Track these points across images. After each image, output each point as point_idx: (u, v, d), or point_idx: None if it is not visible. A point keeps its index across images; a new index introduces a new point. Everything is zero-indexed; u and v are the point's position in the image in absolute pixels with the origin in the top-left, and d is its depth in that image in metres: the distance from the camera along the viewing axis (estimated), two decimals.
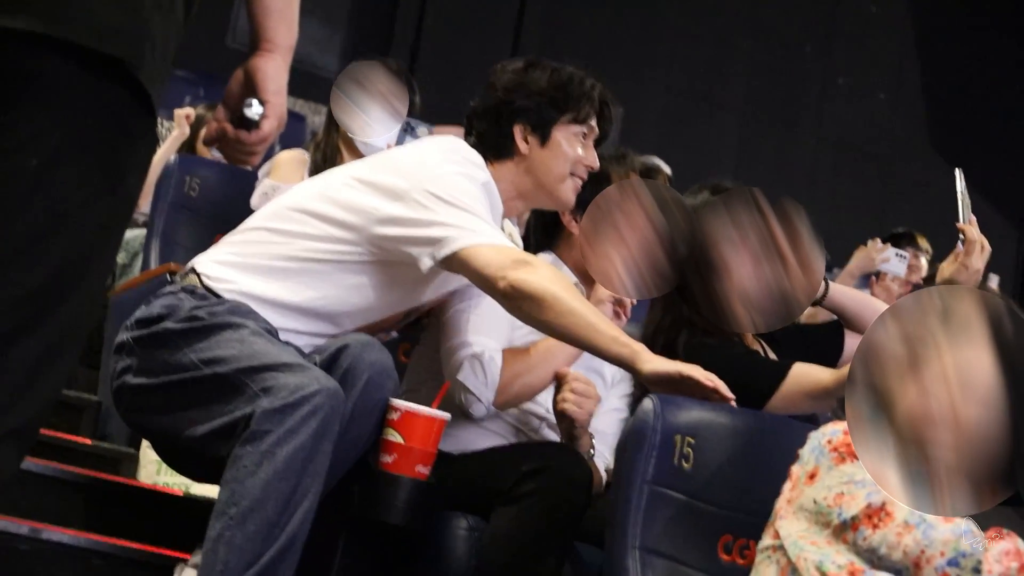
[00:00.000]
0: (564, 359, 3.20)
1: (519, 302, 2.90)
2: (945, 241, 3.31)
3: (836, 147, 10.41)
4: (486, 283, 2.94)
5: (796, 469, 2.31)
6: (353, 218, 3.03)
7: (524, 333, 3.20)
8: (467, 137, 3.29)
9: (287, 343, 2.97)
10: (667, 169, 7.11)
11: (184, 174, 4.91)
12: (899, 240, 6.20)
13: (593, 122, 3.30)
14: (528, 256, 2.99)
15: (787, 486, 2.33)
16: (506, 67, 3.31)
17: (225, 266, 3.04)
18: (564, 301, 2.88)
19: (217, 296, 2.98)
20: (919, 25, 10.76)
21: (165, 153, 5.64)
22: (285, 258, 3.04)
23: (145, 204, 5.24)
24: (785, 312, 3.13)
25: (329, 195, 3.09)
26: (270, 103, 2.06)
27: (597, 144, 3.34)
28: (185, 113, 5.81)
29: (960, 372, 2.18)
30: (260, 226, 3.12)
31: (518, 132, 3.25)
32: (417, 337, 3.51)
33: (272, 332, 2.94)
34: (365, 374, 2.85)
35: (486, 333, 3.16)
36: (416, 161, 3.10)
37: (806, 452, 2.30)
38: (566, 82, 3.27)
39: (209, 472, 2.90)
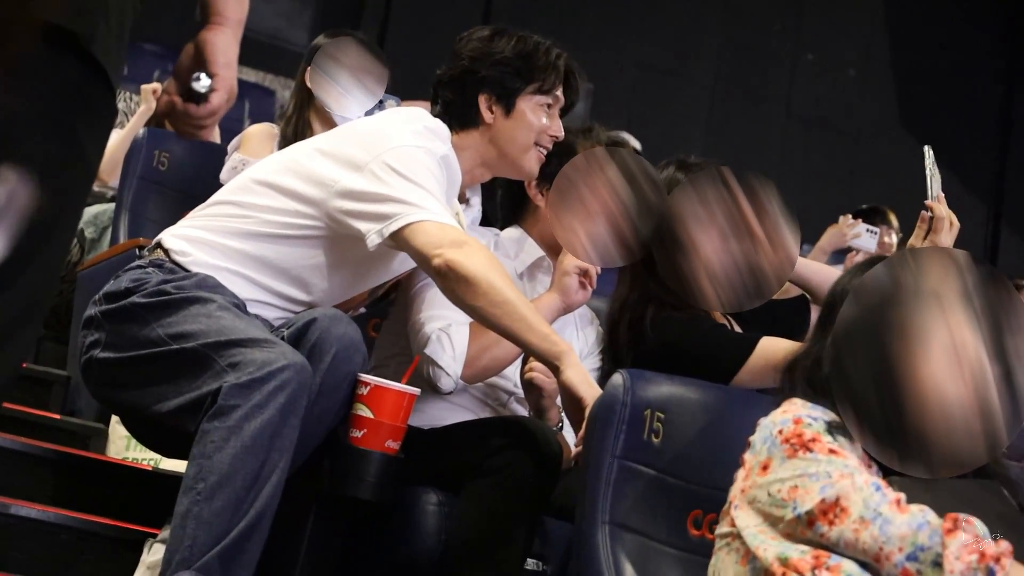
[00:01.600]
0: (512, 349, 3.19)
1: (452, 283, 2.89)
2: (914, 218, 3.31)
3: (805, 123, 10.43)
4: (423, 260, 2.93)
5: (749, 458, 2.30)
6: (314, 191, 3.02)
7: None
8: (433, 106, 3.28)
9: (255, 316, 2.96)
10: (636, 143, 7.11)
11: (153, 148, 4.89)
12: (869, 216, 6.21)
13: (559, 92, 3.29)
14: (468, 238, 2.98)
15: (740, 474, 2.32)
16: (471, 35, 3.30)
17: (191, 241, 3.03)
18: (498, 289, 2.87)
19: (185, 270, 2.97)
20: (888, 1, 10.78)
21: (133, 127, 5.61)
22: (247, 235, 3.03)
23: (114, 178, 5.22)
24: (756, 290, 3.14)
25: (292, 168, 3.08)
26: (219, 76, 2.05)
27: (563, 114, 3.33)
28: (152, 88, 5.77)
29: (951, 342, 2.19)
30: (225, 199, 3.11)
31: (483, 101, 3.24)
32: (386, 311, 3.51)
33: (240, 306, 2.93)
34: (333, 348, 2.84)
35: (452, 307, 3.16)
36: (378, 131, 3.09)
37: (757, 441, 2.29)
38: (531, 51, 3.26)
39: (178, 447, 2.89)
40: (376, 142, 3.04)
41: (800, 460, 2.19)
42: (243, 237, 3.03)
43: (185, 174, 4.90)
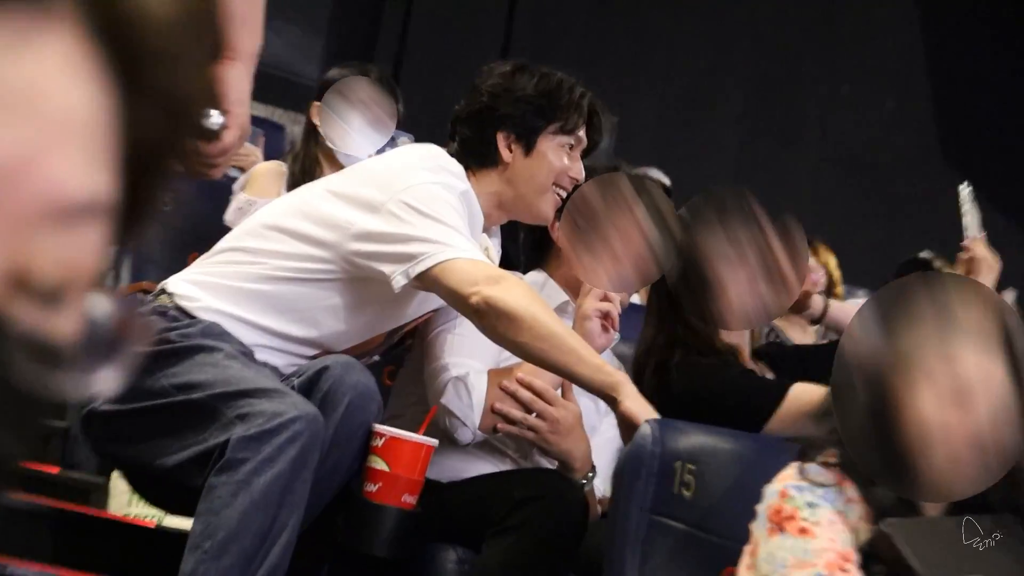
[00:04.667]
0: (552, 380, 3.19)
1: (492, 320, 2.87)
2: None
3: (840, 159, 10.42)
4: (458, 300, 2.92)
5: (753, 528, 2.31)
6: (328, 234, 3.03)
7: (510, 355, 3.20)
8: (450, 143, 3.28)
9: (264, 364, 2.97)
10: (665, 180, 7.14)
11: None
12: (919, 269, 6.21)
13: (581, 133, 3.30)
14: (504, 273, 2.99)
15: (747, 548, 2.33)
16: (493, 70, 3.31)
17: (197, 286, 3.04)
18: (543, 323, 2.86)
19: (190, 316, 2.97)
20: (927, 26, 10.77)
21: None
22: (258, 278, 3.04)
23: None
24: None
25: (304, 210, 3.09)
26: (231, 113, 2.05)
27: (586, 155, 3.33)
28: None
29: (964, 379, 2.19)
30: (234, 246, 3.12)
31: (501, 140, 3.24)
32: (402, 359, 3.51)
33: (248, 354, 2.94)
34: (347, 397, 2.84)
35: (469, 354, 3.16)
36: (392, 171, 3.10)
37: (760, 511, 2.29)
38: (554, 89, 3.26)
39: (183, 503, 2.89)
40: (392, 181, 3.04)
41: (775, 541, 2.21)
42: (255, 280, 3.04)
43: (190, 215, 4.91)
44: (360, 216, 3.01)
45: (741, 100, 10.33)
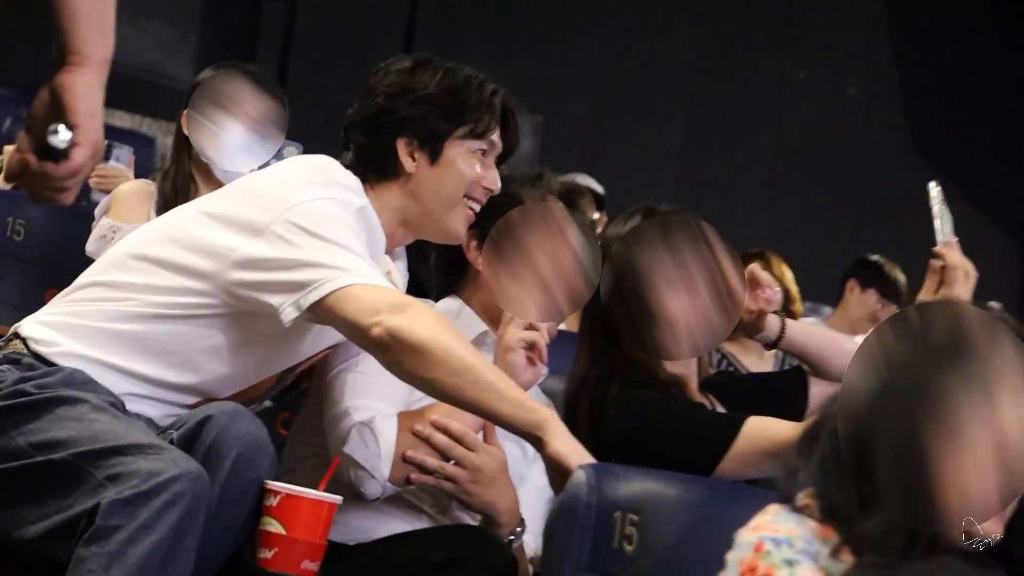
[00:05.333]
0: (472, 422, 3.19)
1: (398, 355, 2.86)
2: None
3: (798, 155, 10.48)
4: (357, 332, 2.91)
5: None
6: (205, 263, 3.02)
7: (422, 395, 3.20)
8: (344, 153, 3.28)
9: (137, 416, 2.96)
10: (597, 186, 7.18)
11: (5, 215, 4.86)
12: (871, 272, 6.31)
13: (495, 136, 3.29)
14: (410, 299, 2.99)
15: None
16: (390, 67, 3.30)
17: (55, 329, 3.02)
18: (456, 355, 2.86)
19: (48, 364, 2.96)
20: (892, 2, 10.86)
21: None
22: (126, 317, 3.02)
23: None
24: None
25: (176, 236, 3.08)
26: (80, 127, 2.04)
27: (501, 161, 3.35)
28: None
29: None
30: (96, 280, 3.11)
31: (402, 147, 3.23)
32: (297, 404, 3.51)
33: (117, 405, 2.92)
34: (233, 451, 2.83)
35: (375, 395, 3.16)
36: (277, 187, 3.09)
37: (731, 561, 2.31)
38: (461, 87, 3.26)
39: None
40: (277, 199, 3.04)
41: None
42: (122, 319, 3.02)
43: (46, 244, 4.88)
44: (241, 240, 3.01)
45: (682, 90, 10.38)
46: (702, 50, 10.38)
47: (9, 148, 5.73)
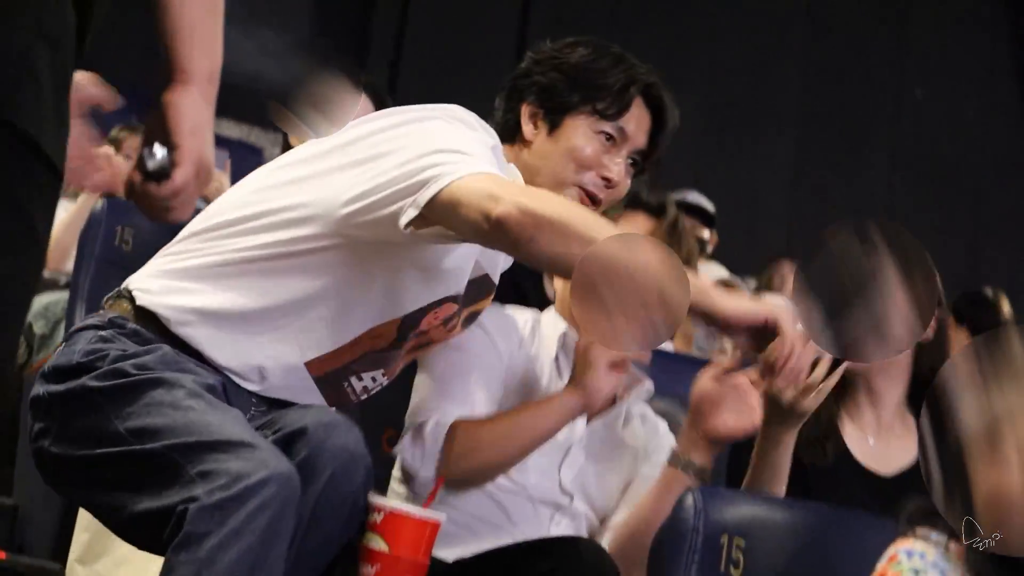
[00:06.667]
0: (544, 431, 3.19)
1: (531, 230, 2.67)
2: None
3: (914, 173, 10.41)
4: (477, 217, 2.72)
5: None
6: (314, 196, 2.93)
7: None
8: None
9: (236, 392, 2.95)
10: (708, 205, 7.17)
11: (114, 224, 4.88)
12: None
13: (628, 126, 3.17)
14: (534, 188, 2.91)
15: None
16: (553, 43, 3.26)
17: (165, 277, 3.01)
18: (597, 230, 2.65)
19: (151, 333, 2.94)
20: (1013, 16, 10.77)
21: (85, 202, 5.66)
22: (234, 259, 2.98)
23: (67, 262, 5.24)
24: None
25: (281, 180, 3.02)
26: (181, 147, 2.06)
27: (642, 171, 3.24)
28: (103, 152, 5.77)
29: None
30: (200, 229, 3.06)
31: (525, 111, 3.15)
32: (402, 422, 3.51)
33: (212, 387, 2.89)
34: (329, 468, 2.77)
35: (449, 395, 3.14)
36: (392, 126, 2.97)
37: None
38: (600, 64, 3.18)
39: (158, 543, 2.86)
40: (394, 133, 2.94)
41: None
42: (226, 267, 2.98)
43: (153, 253, 4.92)
44: (350, 175, 2.92)
45: (796, 105, 10.33)
46: (818, 61, 10.32)
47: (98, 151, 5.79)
